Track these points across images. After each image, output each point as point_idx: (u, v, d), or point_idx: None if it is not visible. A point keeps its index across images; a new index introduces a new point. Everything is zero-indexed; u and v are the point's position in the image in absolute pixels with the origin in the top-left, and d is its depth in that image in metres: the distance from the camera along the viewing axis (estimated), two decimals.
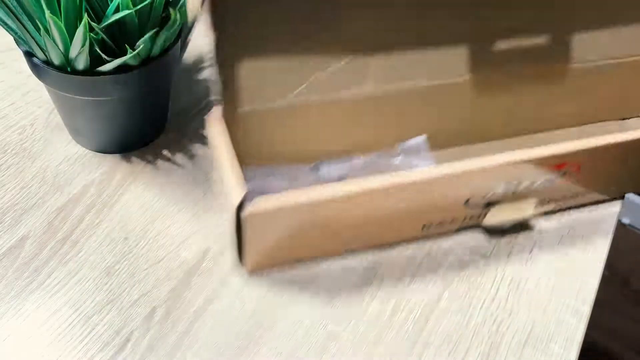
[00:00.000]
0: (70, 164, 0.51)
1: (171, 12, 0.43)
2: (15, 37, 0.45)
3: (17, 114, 0.55)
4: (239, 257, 0.44)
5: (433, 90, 0.49)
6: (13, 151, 0.52)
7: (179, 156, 0.53)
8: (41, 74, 0.46)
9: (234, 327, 0.42)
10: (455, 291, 0.46)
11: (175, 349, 0.41)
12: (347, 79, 0.45)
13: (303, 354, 0.41)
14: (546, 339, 0.44)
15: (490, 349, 0.43)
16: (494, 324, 0.44)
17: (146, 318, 0.42)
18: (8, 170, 0.50)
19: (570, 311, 0.45)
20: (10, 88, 0.57)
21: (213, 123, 0.42)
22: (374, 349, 0.42)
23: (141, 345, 0.41)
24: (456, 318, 0.44)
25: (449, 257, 0.48)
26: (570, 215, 0.52)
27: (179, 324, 0.42)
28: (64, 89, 0.46)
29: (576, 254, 0.49)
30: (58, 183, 0.49)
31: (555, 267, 0.48)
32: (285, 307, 0.44)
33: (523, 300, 0.46)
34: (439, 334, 0.43)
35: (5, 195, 0.48)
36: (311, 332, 0.43)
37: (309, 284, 0.45)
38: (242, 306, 0.43)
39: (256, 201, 0.38)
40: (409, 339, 0.43)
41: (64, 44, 0.41)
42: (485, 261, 0.48)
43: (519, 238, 0.50)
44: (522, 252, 0.49)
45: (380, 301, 0.45)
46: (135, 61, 0.44)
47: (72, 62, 0.43)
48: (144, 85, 0.47)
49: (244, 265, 0.44)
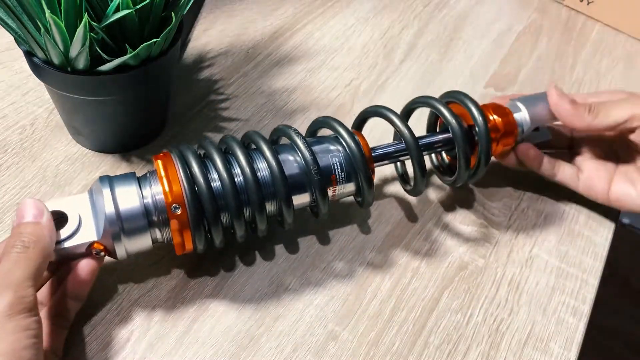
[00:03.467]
0: (70, 163, 0.51)
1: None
2: (16, 37, 0.45)
3: (17, 114, 0.55)
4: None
5: None
6: (13, 151, 0.52)
7: None
8: (41, 74, 0.46)
9: (235, 326, 0.42)
10: (455, 291, 0.46)
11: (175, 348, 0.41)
12: None
13: (303, 353, 0.41)
14: (546, 339, 0.44)
15: (490, 349, 0.43)
16: (494, 323, 0.44)
17: (146, 318, 0.42)
18: (8, 170, 0.50)
19: (570, 311, 0.45)
20: (10, 88, 0.57)
21: None
22: (374, 349, 0.42)
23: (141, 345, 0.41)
24: (456, 318, 0.44)
25: (449, 257, 0.48)
26: (570, 215, 0.52)
27: (179, 323, 0.42)
28: (64, 89, 0.46)
29: (576, 254, 0.49)
30: (58, 183, 0.50)
31: (555, 267, 0.48)
32: (285, 305, 0.44)
33: (523, 300, 0.46)
34: (439, 334, 0.43)
35: (5, 195, 0.48)
36: (311, 331, 0.43)
37: (310, 283, 0.45)
38: (242, 305, 0.43)
39: None
40: (409, 339, 0.43)
41: (64, 44, 0.41)
42: (485, 261, 0.48)
43: (519, 238, 0.50)
44: (522, 252, 0.49)
45: (380, 301, 0.45)
46: (135, 61, 0.44)
47: (72, 61, 0.43)
48: (144, 85, 0.47)
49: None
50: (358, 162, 0.43)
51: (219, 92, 0.60)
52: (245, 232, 0.42)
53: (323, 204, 0.43)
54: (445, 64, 0.67)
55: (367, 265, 0.47)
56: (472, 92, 0.59)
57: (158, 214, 0.39)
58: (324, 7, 0.73)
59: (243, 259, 0.46)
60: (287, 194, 0.41)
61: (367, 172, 0.43)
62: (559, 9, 0.77)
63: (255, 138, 0.43)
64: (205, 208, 0.39)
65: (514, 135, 0.48)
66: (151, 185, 0.40)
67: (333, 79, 0.63)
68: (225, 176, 0.40)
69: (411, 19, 0.72)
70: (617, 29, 0.74)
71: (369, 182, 0.43)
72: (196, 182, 0.39)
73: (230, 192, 0.40)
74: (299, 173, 0.42)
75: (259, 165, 0.42)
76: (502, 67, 0.67)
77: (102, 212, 0.38)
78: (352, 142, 0.43)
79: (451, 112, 0.46)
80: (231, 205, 0.40)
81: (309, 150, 0.42)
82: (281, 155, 0.43)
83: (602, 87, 0.66)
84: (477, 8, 0.76)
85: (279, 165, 0.41)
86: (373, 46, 0.68)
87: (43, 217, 0.37)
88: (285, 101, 0.60)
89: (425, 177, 0.45)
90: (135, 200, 0.39)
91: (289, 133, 0.43)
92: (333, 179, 0.43)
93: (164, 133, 0.55)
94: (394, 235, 0.49)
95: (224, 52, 0.64)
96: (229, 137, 0.43)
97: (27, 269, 0.34)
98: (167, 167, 0.40)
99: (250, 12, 0.70)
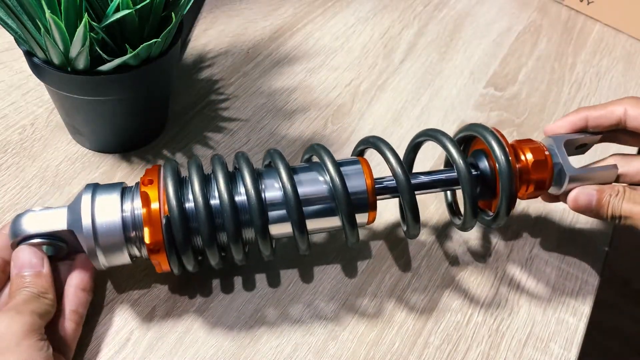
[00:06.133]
0: (70, 163, 0.51)
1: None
2: (16, 37, 0.45)
3: (17, 114, 0.55)
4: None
5: None
6: (13, 151, 0.52)
7: (178, 156, 0.53)
8: (41, 74, 0.46)
9: (235, 325, 0.42)
10: (455, 291, 0.46)
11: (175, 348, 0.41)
12: None
13: (303, 353, 0.41)
14: (546, 339, 0.44)
15: (490, 349, 0.43)
16: (494, 323, 0.44)
17: (146, 317, 0.42)
18: (8, 170, 0.50)
19: (570, 311, 0.45)
20: (10, 88, 0.57)
21: None
22: (374, 349, 0.42)
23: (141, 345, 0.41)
24: (456, 318, 0.44)
25: (449, 257, 0.48)
26: (571, 215, 0.52)
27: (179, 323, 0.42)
28: (64, 89, 0.46)
29: (576, 253, 0.49)
30: (58, 183, 0.49)
31: (555, 267, 0.48)
32: (286, 305, 0.44)
33: (523, 300, 0.46)
34: (439, 334, 0.43)
35: (5, 194, 0.48)
36: (311, 331, 0.43)
37: (310, 283, 0.45)
38: (243, 305, 0.43)
39: None
40: (409, 339, 0.43)
41: (64, 44, 0.41)
42: (485, 261, 0.48)
43: (519, 238, 0.50)
44: (522, 252, 0.49)
45: (380, 301, 0.45)
46: (135, 61, 0.44)
47: (72, 61, 0.43)
48: (144, 85, 0.47)
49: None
50: (341, 198, 0.39)
51: (219, 92, 0.60)
52: (243, 257, 0.40)
53: (351, 232, 0.39)
54: (445, 64, 0.67)
55: (367, 265, 0.47)
56: (472, 92, 0.59)
57: (135, 231, 0.38)
58: (324, 7, 0.73)
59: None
60: (300, 220, 0.38)
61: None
62: (559, 9, 0.77)
63: (274, 157, 0.40)
64: (181, 232, 0.37)
65: (549, 178, 0.41)
66: (133, 199, 0.38)
67: (333, 79, 0.63)
68: (202, 200, 0.37)
69: (411, 19, 0.72)
70: (617, 29, 0.74)
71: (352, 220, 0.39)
72: (172, 205, 0.37)
73: (230, 213, 0.37)
74: (327, 196, 0.39)
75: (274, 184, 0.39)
76: (502, 67, 0.67)
77: (80, 222, 0.37)
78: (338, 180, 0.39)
79: (457, 149, 0.40)
80: (229, 228, 0.38)
81: (339, 175, 0.39)
82: (299, 175, 0.40)
83: (602, 87, 0.66)
84: (477, 8, 0.76)
85: (294, 189, 0.38)
86: (373, 46, 0.68)
87: (44, 267, 0.38)
88: (285, 101, 0.60)
89: (418, 222, 0.40)
90: (115, 214, 0.37)
91: (320, 154, 0.40)
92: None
93: (164, 133, 0.55)
94: (394, 235, 0.49)
95: (224, 52, 0.64)
96: (241, 155, 0.41)
97: (39, 309, 0.36)
98: (150, 183, 0.38)
99: (250, 12, 0.70)
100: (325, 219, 0.40)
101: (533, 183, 0.41)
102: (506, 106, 0.62)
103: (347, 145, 0.56)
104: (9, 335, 0.34)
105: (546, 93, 0.64)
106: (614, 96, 0.65)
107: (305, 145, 0.55)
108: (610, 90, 0.65)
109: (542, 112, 0.62)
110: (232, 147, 0.54)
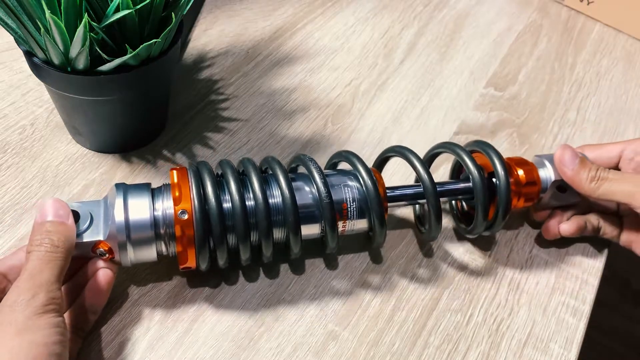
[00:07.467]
0: (70, 163, 0.51)
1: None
2: (16, 37, 0.45)
3: (17, 114, 0.55)
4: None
5: None
6: (13, 151, 0.52)
7: (178, 156, 0.53)
8: (41, 74, 0.46)
9: (235, 326, 0.42)
10: (455, 291, 0.46)
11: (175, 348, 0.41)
12: None
13: (303, 353, 0.41)
14: (546, 339, 0.44)
15: (490, 349, 0.43)
16: (494, 324, 0.44)
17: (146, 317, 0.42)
18: (8, 170, 0.50)
19: (570, 311, 0.45)
20: (10, 88, 0.57)
21: None
22: (374, 349, 0.42)
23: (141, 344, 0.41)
24: (456, 318, 0.44)
25: (449, 257, 0.48)
26: None
27: (179, 324, 0.42)
28: (64, 89, 0.46)
29: (576, 253, 0.49)
30: (58, 183, 0.49)
31: (555, 267, 0.48)
32: (285, 305, 0.44)
33: (523, 300, 0.46)
34: (439, 334, 0.43)
35: (5, 195, 0.48)
36: (311, 331, 0.43)
37: (310, 283, 0.45)
38: (242, 305, 0.43)
39: None
40: (409, 339, 0.43)
41: (64, 44, 0.41)
42: (485, 261, 0.48)
43: (519, 238, 0.50)
44: (522, 252, 0.49)
45: (380, 301, 0.45)
46: (135, 61, 0.44)
47: (72, 61, 0.43)
48: (144, 85, 0.47)
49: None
50: (372, 200, 0.42)
51: (219, 92, 0.60)
52: (249, 256, 0.42)
53: (332, 237, 0.42)
54: (445, 64, 0.67)
55: (367, 265, 0.47)
56: (472, 92, 0.59)
57: (166, 227, 0.40)
58: (324, 7, 0.73)
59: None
60: (295, 224, 0.41)
61: (381, 211, 0.42)
62: (559, 9, 0.77)
63: (272, 164, 0.43)
64: (213, 226, 0.39)
65: (537, 191, 0.47)
66: (163, 198, 0.40)
67: (333, 79, 0.63)
68: (237, 198, 0.40)
69: (411, 19, 0.72)
70: (617, 29, 0.74)
71: (381, 221, 0.42)
72: (207, 199, 0.40)
73: (240, 214, 0.40)
74: (311, 203, 0.42)
75: (273, 192, 0.42)
76: (502, 67, 0.67)
77: (112, 218, 0.39)
78: (369, 180, 0.42)
79: (474, 163, 0.44)
80: (239, 228, 0.40)
81: (324, 182, 0.42)
82: (296, 183, 0.43)
83: (602, 87, 0.66)
84: (477, 8, 0.76)
85: (292, 194, 0.41)
86: (373, 46, 0.68)
87: (69, 219, 0.38)
88: (285, 101, 0.60)
89: (440, 223, 0.44)
90: (146, 211, 0.39)
91: (306, 163, 0.43)
92: (344, 213, 0.43)
93: (164, 133, 0.55)
94: (394, 235, 0.49)
95: (224, 52, 0.64)
96: (246, 160, 0.43)
97: (55, 268, 0.36)
98: (180, 180, 0.40)
99: (250, 12, 0.70)
100: (358, 220, 0.43)
101: (524, 191, 0.47)
102: (506, 106, 0.62)
103: (347, 145, 0.56)
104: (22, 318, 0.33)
105: (546, 93, 0.64)
106: (614, 96, 0.65)
107: (305, 145, 0.55)
108: (610, 90, 0.65)
109: (542, 112, 0.62)
110: (232, 147, 0.54)
